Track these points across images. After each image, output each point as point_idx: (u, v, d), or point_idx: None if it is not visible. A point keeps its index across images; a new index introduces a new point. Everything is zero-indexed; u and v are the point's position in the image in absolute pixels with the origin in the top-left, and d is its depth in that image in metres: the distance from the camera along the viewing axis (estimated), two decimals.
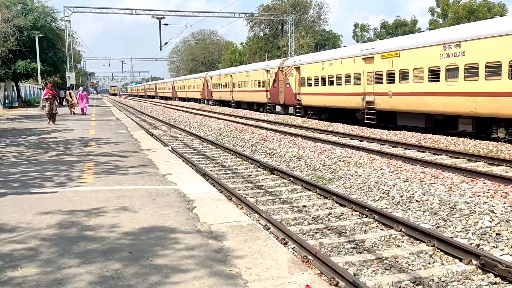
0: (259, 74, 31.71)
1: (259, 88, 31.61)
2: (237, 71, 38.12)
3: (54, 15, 40.12)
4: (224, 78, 40.78)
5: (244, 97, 36.00)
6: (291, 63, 26.64)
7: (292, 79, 26.13)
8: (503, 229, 5.79)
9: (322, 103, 22.99)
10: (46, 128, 17.86)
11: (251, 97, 33.96)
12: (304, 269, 3.80)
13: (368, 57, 18.85)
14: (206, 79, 47.47)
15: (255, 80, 32.36)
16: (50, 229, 4.83)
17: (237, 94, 37.44)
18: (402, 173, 9.24)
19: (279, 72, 28.12)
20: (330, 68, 21.81)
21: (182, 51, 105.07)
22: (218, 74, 44.41)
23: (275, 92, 28.72)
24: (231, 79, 38.44)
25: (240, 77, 36.12)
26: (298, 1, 63.60)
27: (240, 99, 37.14)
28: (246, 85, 34.58)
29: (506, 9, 42.84)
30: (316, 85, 23.35)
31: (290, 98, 26.74)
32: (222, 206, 5.83)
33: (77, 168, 8.56)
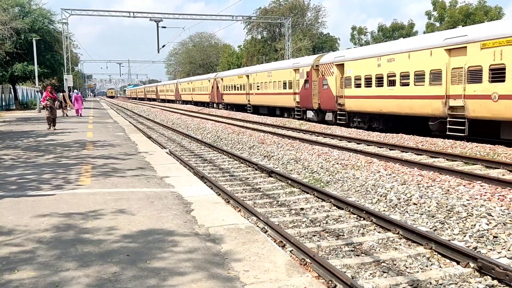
0: (285, 74, 26.96)
1: (285, 90, 26.94)
2: (255, 71, 33.32)
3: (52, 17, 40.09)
4: (238, 79, 36.24)
5: (264, 101, 31.26)
6: (331, 60, 22.11)
7: (331, 79, 21.71)
8: (500, 232, 5.81)
9: (376, 109, 18.38)
10: (44, 130, 17.82)
11: (273, 100, 29.39)
12: (302, 272, 3.81)
13: (455, 47, 14.22)
14: (216, 80, 42.87)
15: (280, 80, 27.75)
16: (47, 231, 4.81)
17: (255, 97, 32.76)
18: (399, 176, 9.26)
19: (312, 71, 23.50)
20: (390, 65, 17.30)
21: (179, 53, 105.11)
22: (230, 74, 39.84)
23: (307, 95, 24.13)
24: (247, 80, 33.99)
25: (260, 78, 31.46)
26: (296, 4, 63.73)
27: (259, 103, 32.39)
28: (267, 86, 30.07)
29: (503, 13, 43.11)
30: (368, 86, 18.83)
31: (328, 102, 22.15)
32: (220, 209, 5.82)
33: (75, 170, 8.54)
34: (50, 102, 18.79)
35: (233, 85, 37.72)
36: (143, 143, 13.65)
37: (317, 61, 23.42)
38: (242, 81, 35.07)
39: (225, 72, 46.53)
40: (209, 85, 45.78)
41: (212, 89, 44.56)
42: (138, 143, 13.53)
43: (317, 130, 19.49)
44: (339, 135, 17.34)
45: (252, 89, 33.18)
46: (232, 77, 38.24)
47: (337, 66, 21.44)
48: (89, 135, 15.90)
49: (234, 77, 37.68)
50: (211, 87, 45.10)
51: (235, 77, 37.41)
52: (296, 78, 25.50)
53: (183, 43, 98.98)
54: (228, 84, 39.11)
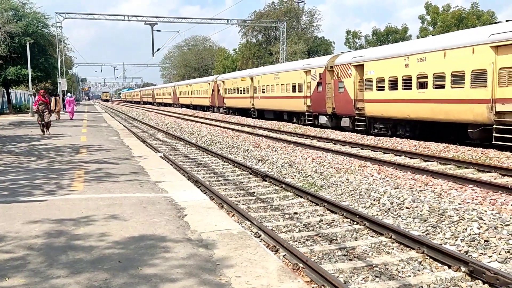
0: (294, 76, 25.16)
1: (294, 93, 25.08)
2: (260, 73, 31.41)
3: (46, 21, 40.06)
4: (241, 81, 34.30)
5: (270, 105, 29.27)
6: (348, 60, 20.17)
7: (349, 82, 19.81)
8: (491, 236, 5.85)
9: (402, 114, 16.61)
10: (37, 135, 17.73)
11: (281, 104, 27.36)
12: (294, 277, 3.81)
13: (504, 44, 12.60)
14: (217, 83, 40.83)
15: (288, 83, 25.94)
16: (38, 238, 4.79)
17: (260, 101, 30.83)
18: (392, 179, 9.30)
19: (326, 73, 21.70)
20: (420, 65, 15.59)
21: (174, 57, 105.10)
22: (233, 77, 37.70)
23: (319, 99, 22.32)
24: (251, 82, 32.14)
25: (265, 80, 29.47)
26: (291, 8, 64.02)
27: (264, 107, 30.51)
28: (274, 89, 28.12)
29: (495, 17, 43.48)
30: (392, 88, 17.03)
31: (344, 106, 20.27)
32: (213, 214, 5.82)
33: (67, 175, 8.51)
34: (42, 106, 17.93)
35: (235, 88, 35.83)
36: (137, 147, 13.62)
37: (332, 62, 21.52)
38: (246, 84, 33.26)
39: (227, 74, 44.41)
40: (209, 88, 43.87)
41: (213, 93, 42.65)
42: (132, 147, 13.50)
43: (311, 134, 19.54)
44: (333, 138, 17.39)
45: (256, 92, 31.29)
46: (235, 79, 36.30)
47: (356, 67, 19.46)
48: (82, 139, 15.85)
49: (237, 80, 35.73)
50: (211, 90, 43.23)
51: (238, 79, 35.44)
52: (307, 81, 23.64)
53: (178, 47, 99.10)
54: (230, 87, 37.18)
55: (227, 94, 38.01)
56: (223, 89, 39.04)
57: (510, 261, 5.32)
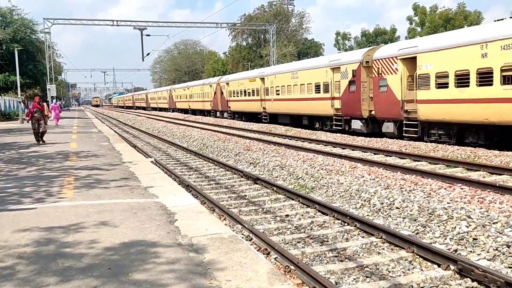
0: (318, 74, 21.81)
1: (318, 94, 21.82)
2: (273, 72, 27.93)
3: (34, 27, 39.83)
4: (249, 82, 30.96)
5: (286, 108, 25.81)
6: (393, 53, 16.93)
7: (394, 79, 16.64)
8: (480, 234, 5.93)
9: (476, 117, 13.42)
10: (26, 142, 17.57)
11: (300, 107, 23.86)
12: (284, 280, 3.83)
13: None
14: (220, 85, 37.49)
15: (310, 83, 22.60)
16: (28, 246, 4.76)
17: (273, 104, 27.31)
18: (383, 180, 9.37)
19: (361, 69, 18.49)
20: (506, 53, 12.39)
21: (165, 61, 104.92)
22: (239, 77, 34.15)
23: (352, 100, 19.09)
24: (261, 83, 28.94)
25: (280, 80, 26.22)
26: (280, 11, 64.31)
27: (278, 111, 27.08)
28: (290, 90, 24.70)
29: (482, 17, 44.08)
30: (461, 85, 13.84)
31: (388, 108, 17.10)
32: (204, 218, 5.83)
33: (57, 183, 8.45)
34: (38, 114, 16.51)
35: (242, 90, 32.44)
36: (128, 153, 13.57)
37: (368, 56, 18.37)
38: (255, 85, 29.88)
39: (232, 75, 40.49)
40: (211, 91, 40.18)
41: (215, 96, 39.03)
42: (123, 152, 13.45)
43: (302, 136, 19.60)
44: (324, 140, 17.47)
45: (269, 94, 27.74)
46: (242, 80, 32.76)
47: (404, 61, 16.31)
48: (72, 145, 15.75)
49: (244, 81, 32.28)
50: (213, 93, 39.59)
51: (245, 80, 31.99)
52: (335, 79, 20.38)
53: (168, 51, 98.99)
54: (236, 89, 33.67)
55: (233, 97, 34.69)
56: (227, 92, 35.72)
57: (498, 259, 5.39)
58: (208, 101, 41.36)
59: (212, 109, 40.68)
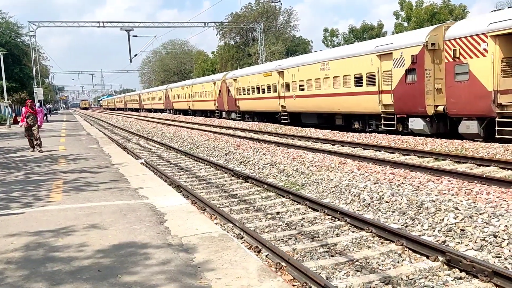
0: (359, 64, 17.84)
1: (359, 88, 17.90)
2: (295, 64, 23.48)
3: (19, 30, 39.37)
4: (264, 77, 26.87)
5: (313, 106, 21.69)
6: (480, 29, 13.07)
7: (480, 64, 13.04)
8: (467, 225, 6.01)
9: None
10: (14, 146, 17.38)
11: (334, 104, 19.78)
12: (274, 276, 3.86)
13: None
14: (226, 82, 33.38)
15: (347, 74, 18.67)
16: (16, 251, 4.72)
17: (296, 102, 23.25)
18: (372, 175, 9.44)
19: (425, 54, 14.75)
20: None
21: (153, 62, 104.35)
22: (250, 72, 29.89)
23: (411, 93, 15.31)
24: (279, 78, 24.88)
25: (305, 73, 22.08)
26: (267, 9, 64.27)
27: (303, 109, 23.09)
28: (320, 84, 20.81)
29: (467, 11, 44.50)
30: None
31: (469, 102, 13.47)
32: (194, 218, 5.83)
33: (45, 187, 8.38)
34: (31, 119, 14.94)
35: (255, 87, 28.34)
36: (118, 155, 13.49)
37: (435, 36, 14.63)
38: (272, 80, 25.85)
39: (241, 70, 35.59)
40: (214, 89, 36.03)
41: (220, 94, 34.92)
42: (112, 155, 13.37)
43: (292, 133, 19.65)
44: (314, 137, 17.53)
45: (289, 90, 23.75)
46: (254, 75, 28.65)
47: (497, 39, 12.60)
48: (61, 148, 15.61)
49: (257, 76, 28.15)
50: (217, 91, 35.43)
51: (258, 75, 27.89)
52: (384, 68, 16.62)
53: (156, 51, 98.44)
54: (247, 86, 29.55)
55: (242, 95, 30.49)
56: (235, 89, 31.61)
57: (486, 249, 5.47)
58: (211, 100, 37.20)
59: (216, 109, 36.49)
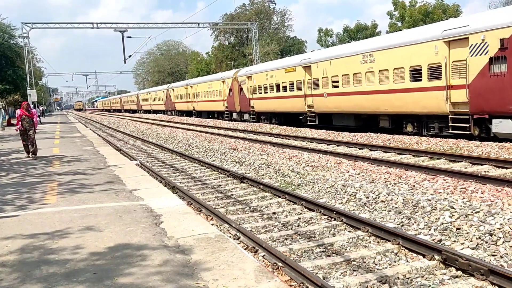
0: (417, 53, 14.81)
1: (418, 83, 14.90)
2: (327, 57, 20.08)
3: (12, 32, 39.06)
4: (285, 74, 23.52)
5: (350, 105, 18.45)
6: None
7: None
8: (463, 224, 6.03)
9: None
10: (8, 149, 17.26)
11: (379, 103, 16.69)
12: (271, 277, 3.85)
13: None
14: (238, 80, 29.96)
15: (400, 67, 15.48)
16: (11, 254, 4.68)
17: (327, 101, 20.00)
18: (368, 174, 9.45)
19: None
20: None
21: (147, 63, 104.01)
22: (268, 68, 26.26)
23: (496, 88, 12.52)
24: (305, 74, 21.53)
25: (340, 67, 18.82)
26: (262, 9, 64.23)
27: (337, 109, 19.63)
28: (360, 80, 17.53)
29: (460, 10, 44.72)
30: None
31: None
32: (190, 219, 5.81)
33: (40, 189, 8.33)
34: (27, 123, 13.79)
35: (274, 85, 25.04)
36: (112, 156, 13.43)
37: None
38: (296, 77, 22.64)
39: (256, 66, 31.77)
40: (224, 88, 32.82)
41: (230, 93, 31.59)
42: (107, 156, 13.31)
43: (288, 134, 19.65)
44: (309, 137, 17.54)
45: (319, 87, 20.53)
46: (273, 72, 25.28)
47: None
48: (55, 150, 15.52)
49: (276, 72, 24.83)
50: (227, 91, 32.18)
51: (278, 71, 24.53)
52: (455, 58, 13.62)
53: (150, 52, 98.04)
54: (264, 84, 26.30)
55: (257, 94, 27.22)
56: (248, 88, 28.37)
57: (482, 247, 5.49)
58: (220, 101, 33.67)
59: (226, 110, 33.12)
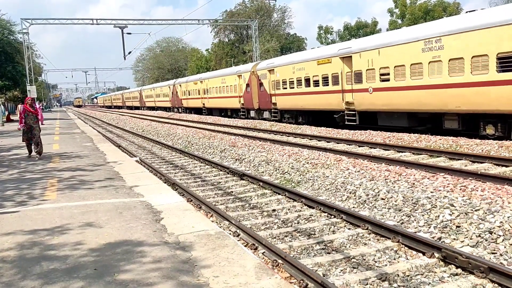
0: (509, 37, 11.71)
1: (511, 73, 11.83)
2: (373, 46, 16.90)
3: (12, 28, 38.96)
4: (318, 66, 20.29)
5: (404, 102, 15.50)
6: None
7: None
8: (463, 222, 6.03)
9: None
10: (8, 145, 17.24)
11: (447, 100, 13.85)
12: (271, 274, 3.85)
13: None
14: (257, 75, 26.92)
15: (479, 54, 12.64)
16: (11, 250, 4.68)
17: (373, 97, 16.91)
18: (367, 172, 9.45)
19: None
20: None
21: (147, 59, 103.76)
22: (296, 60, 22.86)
23: None
24: (343, 66, 18.47)
25: (391, 57, 15.80)
26: (262, 6, 64.05)
27: (387, 107, 16.54)
28: (421, 72, 14.55)
29: (461, 8, 44.65)
30: None
31: None
32: (190, 216, 5.80)
33: (40, 185, 8.32)
34: (31, 119, 12.58)
35: (302, 79, 21.87)
36: (112, 153, 13.42)
37: None
38: (331, 69, 19.41)
39: (280, 58, 27.50)
40: (240, 83, 29.73)
41: (248, 89, 28.44)
42: (107, 152, 13.30)
43: (287, 131, 19.64)
44: (309, 134, 17.54)
45: (363, 81, 17.36)
46: (301, 64, 21.94)
47: None
48: (55, 147, 15.50)
49: (305, 64, 21.52)
50: (244, 86, 29.04)
51: (309, 63, 21.15)
52: None
53: (150, 49, 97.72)
54: (289, 78, 23.13)
55: (280, 90, 24.21)
56: (270, 82, 25.34)
57: (481, 245, 5.49)
58: (235, 97, 30.67)
59: (242, 108, 30.00)
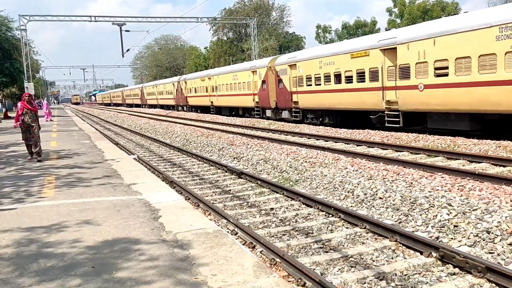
0: None
1: None
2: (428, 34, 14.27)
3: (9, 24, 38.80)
4: (352, 60, 17.75)
5: (463, 102, 13.28)
6: None
7: None
8: (460, 221, 6.04)
9: None
10: (5, 141, 17.18)
11: None
12: (270, 273, 3.85)
13: None
14: (275, 70, 24.37)
15: None
16: (8, 247, 4.66)
17: (423, 96, 14.58)
18: (366, 171, 9.46)
19: None
20: None
21: (145, 57, 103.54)
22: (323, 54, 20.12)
23: None
24: (384, 59, 16.01)
25: (448, 48, 13.46)
26: (261, 4, 64.00)
27: (438, 106, 14.18)
28: (489, 65, 12.29)
29: (459, 8, 44.70)
30: None
31: None
32: (188, 214, 5.80)
33: (37, 182, 8.29)
34: (30, 117, 11.61)
35: (331, 74, 19.25)
36: (110, 150, 13.39)
37: None
38: (368, 64, 16.89)
39: (304, 51, 24.88)
40: (254, 80, 26.97)
41: (263, 86, 25.78)
42: (105, 150, 13.27)
43: (286, 129, 19.64)
44: (307, 133, 17.54)
45: (410, 76, 14.97)
46: (331, 58, 19.31)
47: None
48: (52, 144, 15.45)
49: (336, 58, 18.86)
50: (259, 83, 26.26)
51: (340, 57, 18.57)
52: None
53: (148, 46, 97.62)
54: (315, 74, 20.51)
55: (303, 87, 21.67)
56: (291, 79, 22.83)
57: (479, 245, 5.50)
58: (248, 95, 27.98)
59: (256, 106, 27.38)
